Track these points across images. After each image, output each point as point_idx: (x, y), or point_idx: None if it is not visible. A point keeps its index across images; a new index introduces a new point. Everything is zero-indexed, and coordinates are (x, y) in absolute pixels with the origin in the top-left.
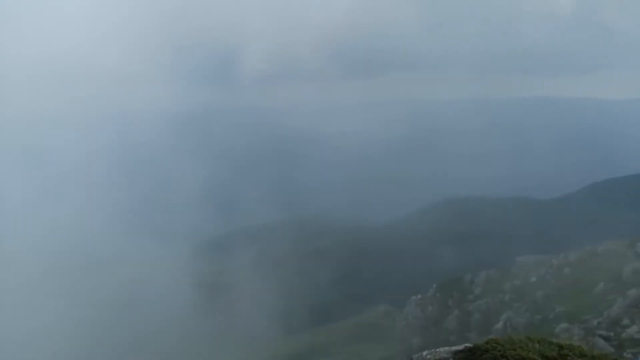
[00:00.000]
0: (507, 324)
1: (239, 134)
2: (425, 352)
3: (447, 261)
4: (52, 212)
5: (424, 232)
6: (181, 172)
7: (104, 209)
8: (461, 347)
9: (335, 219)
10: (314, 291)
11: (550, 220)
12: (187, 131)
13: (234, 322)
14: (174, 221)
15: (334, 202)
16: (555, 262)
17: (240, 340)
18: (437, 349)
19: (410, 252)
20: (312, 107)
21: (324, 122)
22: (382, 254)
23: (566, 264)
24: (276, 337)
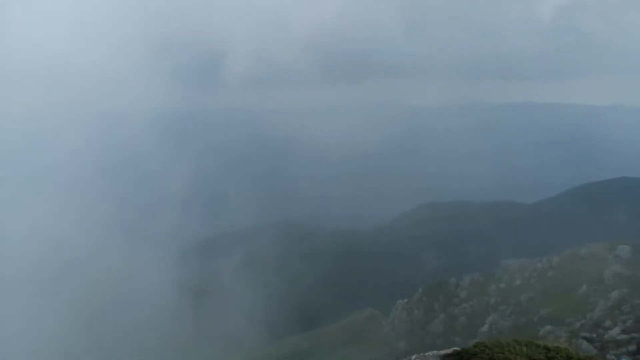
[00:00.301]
0: (492, 327)
1: (225, 135)
2: (414, 356)
3: (432, 265)
4: (33, 213)
5: (410, 237)
6: (167, 174)
7: (87, 211)
8: (450, 350)
9: (321, 222)
10: (300, 295)
11: (533, 224)
12: (172, 132)
13: (220, 326)
14: (159, 224)
15: (321, 205)
16: (539, 266)
17: (225, 344)
18: (426, 353)
19: (396, 256)
20: (298, 110)
21: (310, 125)
22: (368, 258)
23: (550, 267)
24: (262, 341)
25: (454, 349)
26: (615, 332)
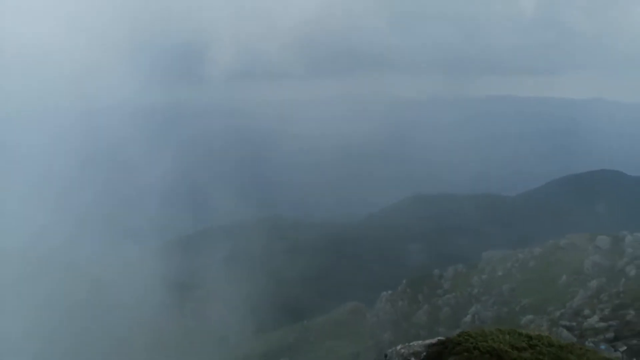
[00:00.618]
0: (475, 317)
1: (208, 128)
2: (399, 347)
3: (416, 257)
4: (7, 205)
5: (394, 230)
6: (148, 166)
7: (65, 203)
8: (434, 340)
9: (306, 216)
10: (285, 289)
11: (515, 215)
12: (154, 124)
13: (206, 322)
14: (143, 219)
15: (305, 199)
16: (520, 257)
17: (212, 339)
18: (411, 343)
19: (380, 249)
20: (283, 102)
21: (294, 117)
22: (353, 251)
23: (531, 258)
24: (248, 336)
25: (439, 338)
26: (593, 320)
